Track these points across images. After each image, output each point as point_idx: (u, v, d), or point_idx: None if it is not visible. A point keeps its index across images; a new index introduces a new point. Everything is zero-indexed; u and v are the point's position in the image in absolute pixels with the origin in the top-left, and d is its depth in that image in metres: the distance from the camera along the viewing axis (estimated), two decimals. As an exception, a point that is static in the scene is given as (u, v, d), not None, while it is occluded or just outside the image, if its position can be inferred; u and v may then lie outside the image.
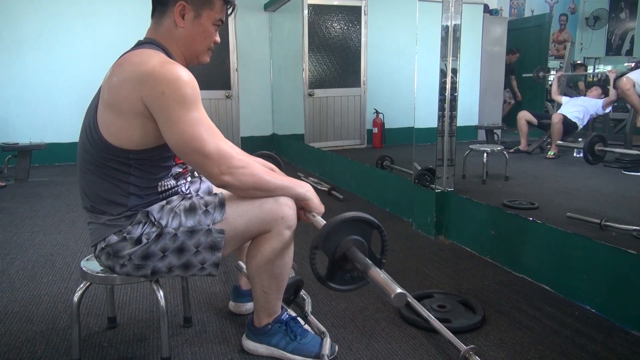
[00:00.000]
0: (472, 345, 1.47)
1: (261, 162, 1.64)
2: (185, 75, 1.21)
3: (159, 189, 1.36)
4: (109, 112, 1.24)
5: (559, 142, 4.87)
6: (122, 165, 1.28)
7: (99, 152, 1.27)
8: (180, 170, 1.43)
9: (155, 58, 1.22)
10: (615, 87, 4.83)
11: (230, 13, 1.40)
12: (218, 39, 1.39)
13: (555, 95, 5.46)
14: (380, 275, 1.10)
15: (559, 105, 5.42)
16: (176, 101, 1.19)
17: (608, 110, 5.10)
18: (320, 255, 1.22)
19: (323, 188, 3.89)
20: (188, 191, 1.50)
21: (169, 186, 1.39)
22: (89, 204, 1.33)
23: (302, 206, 1.42)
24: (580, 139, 4.90)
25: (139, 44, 1.32)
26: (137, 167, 1.29)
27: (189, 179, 1.52)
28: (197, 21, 1.32)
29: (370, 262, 1.16)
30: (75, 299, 1.40)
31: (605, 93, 5.12)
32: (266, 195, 1.34)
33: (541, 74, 6.02)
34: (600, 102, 5.04)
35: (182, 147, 1.22)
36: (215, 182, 1.27)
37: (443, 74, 2.64)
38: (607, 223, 2.40)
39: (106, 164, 1.27)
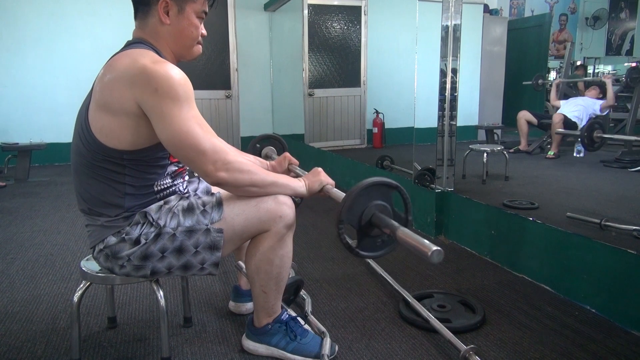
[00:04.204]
0: (472, 345, 1.47)
1: (259, 163, 1.65)
2: (177, 73, 1.21)
3: (155, 189, 1.36)
4: (101, 112, 1.24)
5: (558, 129, 4.87)
6: (117, 166, 1.27)
7: (92, 153, 1.26)
8: (176, 169, 1.43)
9: (146, 57, 1.22)
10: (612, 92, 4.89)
11: (212, 4, 1.40)
12: (204, 31, 1.39)
13: (553, 101, 5.49)
14: (410, 235, 1.07)
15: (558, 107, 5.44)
16: (169, 98, 1.19)
17: (605, 113, 5.11)
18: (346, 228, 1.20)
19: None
20: (186, 190, 1.50)
21: (166, 185, 1.39)
22: (85, 207, 1.33)
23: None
24: (580, 139, 4.90)
25: (129, 44, 1.32)
26: (132, 168, 1.29)
27: (186, 177, 1.52)
28: (182, 15, 1.32)
29: (397, 223, 1.13)
30: (75, 299, 1.40)
31: (604, 93, 5.14)
32: (261, 192, 1.34)
33: (540, 81, 6.03)
34: (598, 103, 5.05)
35: (176, 144, 1.22)
36: (210, 180, 1.26)
37: (443, 74, 2.64)
38: (607, 223, 2.40)
39: (100, 165, 1.27)
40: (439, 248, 0.99)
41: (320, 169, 1.49)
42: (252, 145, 2.00)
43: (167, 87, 1.18)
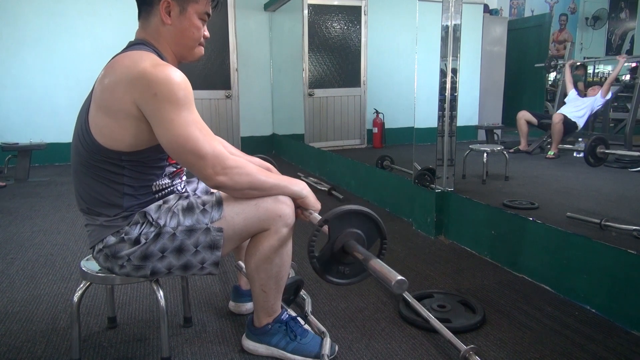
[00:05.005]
0: (472, 345, 1.47)
1: (257, 162, 1.64)
2: (177, 77, 1.21)
3: (154, 189, 1.36)
4: (101, 114, 1.24)
5: (560, 146, 4.88)
6: (115, 167, 1.27)
7: (91, 154, 1.26)
8: (175, 169, 1.43)
9: (147, 60, 1.22)
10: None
11: (215, 6, 1.40)
12: (207, 33, 1.39)
13: (569, 83, 5.41)
14: (380, 264, 1.11)
15: (560, 104, 5.43)
16: (169, 103, 1.19)
17: (608, 97, 5.06)
18: (319, 245, 1.21)
19: (323, 188, 3.89)
20: (184, 190, 1.50)
21: (164, 185, 1.39)
22: (84, 206, 1.33)
23: (298, 205, 1.42)
24: (580, 139, 4.91)
25: (130, 45, 1.32)
26: (130, 168, 1.29)
27: (184, 177, 1.52)
28: (184, 16, 1.32)
29: (370, 254, 1.16)
30: (75, 299, 1.40)
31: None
32: (261, 195, 1.34)
33: (553, 62, 6.01)
34: (598, 94, 5.02)
35: (175, 148, 1.22)
36: (210, 183, 1.26)
37: (443, 74, 2.64)
38: (607, 223, 2.40)
39: (99, 165, 1.27)
40: (402, 278, 1.03)
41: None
42: None
43: (167, 91, 1.18)
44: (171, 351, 1.52)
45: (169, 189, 1.41)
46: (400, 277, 1.03)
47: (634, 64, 6.33)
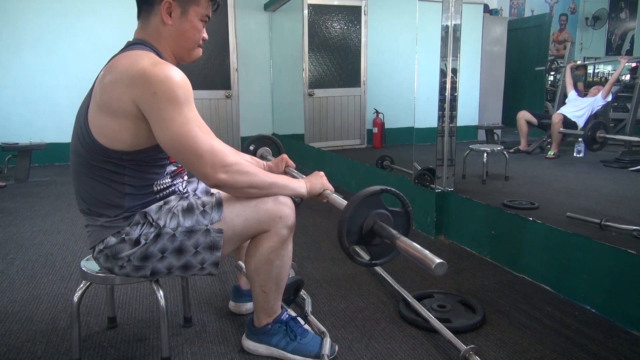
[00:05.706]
0: (472, 345, 1.47)
1: (255, 163, 1.65)
2: (176, 75, 1.20)
3: (155, 189, 1.36)
4: (101, 114, 1.23)
5: (561, 129, 4.87)
6: (116, 167, 1.27)
7: (91, 154, 1.26)
8: (175, 168, 1.43)
9: (146, 59, 1.21)
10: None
11: (215, 9, 1.40)
12: (206, 35, 1.39)
13: (569, 85, 5.39)
14: (411, 245, 1.09)
15: (560, 104, 5.42)
16: (168, 101, 1.18)
17: (609, 99, 5.06)
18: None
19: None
20: (185, 190, 1.50)
21: (165, 185, 1.39)
22: (85, 207, 1.33)
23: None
24: (580, 139, 4.91)
25: (129, 45, 1.32)
26: (131, 168, 1.29)
27: (185, 177, 1.52)
28: (184, 17, 1.32)
29: (396, 233, 1.14)
30: (75, 299, 1.40)
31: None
32: (261, 194, 1.34)
33: (554, 65, 6.02)
34: (599, 95, 5.02)
35: (174, 146, 1.21)
36: (210, 182, 1.26)
37: (443, 74, 2.64)
38: (607, 223, 2.40)
39: (100, 165, 1.27)
40: (442, 261, 1.00)
41: (322, 173, 1.49)
42: (246, 146, 2.00)
43: (166, 89, 1.18)
44: (171, 351, 1.52)
45: (170, 189, 1.41)
46: (439, 260, 1.00)
47: (634, 64, 6.33)
